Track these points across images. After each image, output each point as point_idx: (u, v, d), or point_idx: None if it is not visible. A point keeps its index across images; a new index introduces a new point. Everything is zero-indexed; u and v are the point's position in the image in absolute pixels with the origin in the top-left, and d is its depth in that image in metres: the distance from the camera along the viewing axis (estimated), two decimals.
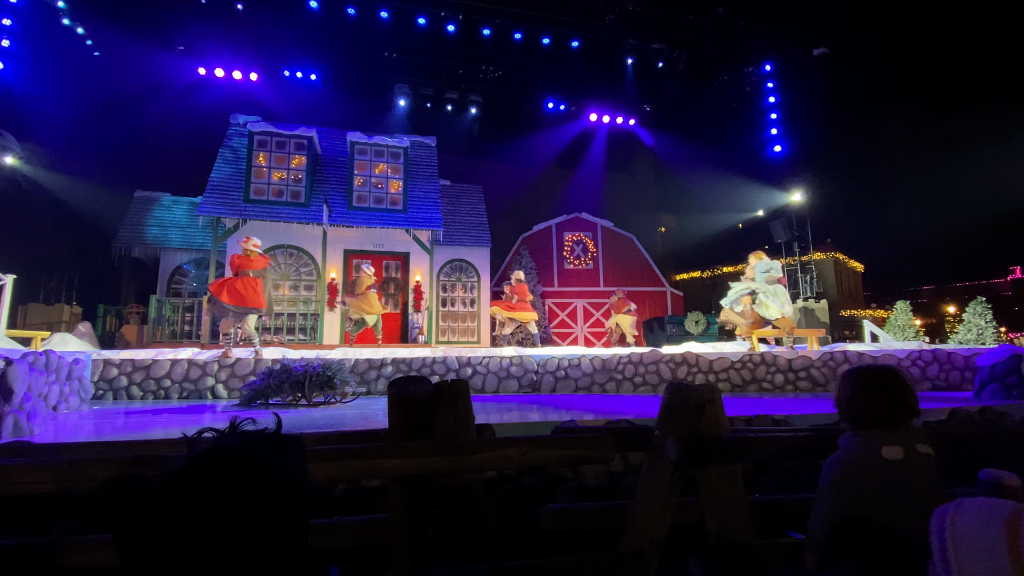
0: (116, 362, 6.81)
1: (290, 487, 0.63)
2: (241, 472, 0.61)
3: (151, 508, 0.57)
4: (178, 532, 0.56)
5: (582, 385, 7.57)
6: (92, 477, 1.82)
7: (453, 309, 13.84)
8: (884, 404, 1.51)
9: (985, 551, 0.78)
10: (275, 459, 0.64)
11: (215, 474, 0.60)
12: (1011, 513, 0.79)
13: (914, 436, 1.50)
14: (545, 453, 1.87)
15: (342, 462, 1.64)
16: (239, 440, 0.67)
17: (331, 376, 5.96)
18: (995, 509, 0.81)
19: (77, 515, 2.76)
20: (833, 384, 7.56)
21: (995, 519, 0.79)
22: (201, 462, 0.61)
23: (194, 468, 0.60)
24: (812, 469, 3.39)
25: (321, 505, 2.85)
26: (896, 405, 1.51)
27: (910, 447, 1.46)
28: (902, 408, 1.52)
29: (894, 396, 1.51)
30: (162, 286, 12.57)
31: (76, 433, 4.26)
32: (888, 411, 1.51)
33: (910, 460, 1.44)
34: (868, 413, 1.52)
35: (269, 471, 0.62)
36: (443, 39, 15.51)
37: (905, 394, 1.52)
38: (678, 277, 20.45)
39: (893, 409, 1.51)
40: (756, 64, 17.06)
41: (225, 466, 0.61)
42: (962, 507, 0.86)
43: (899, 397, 1.51)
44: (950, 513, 0.86)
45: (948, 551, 0.82)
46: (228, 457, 0.62)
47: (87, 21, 13.85)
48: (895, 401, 1.51)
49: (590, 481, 3.26)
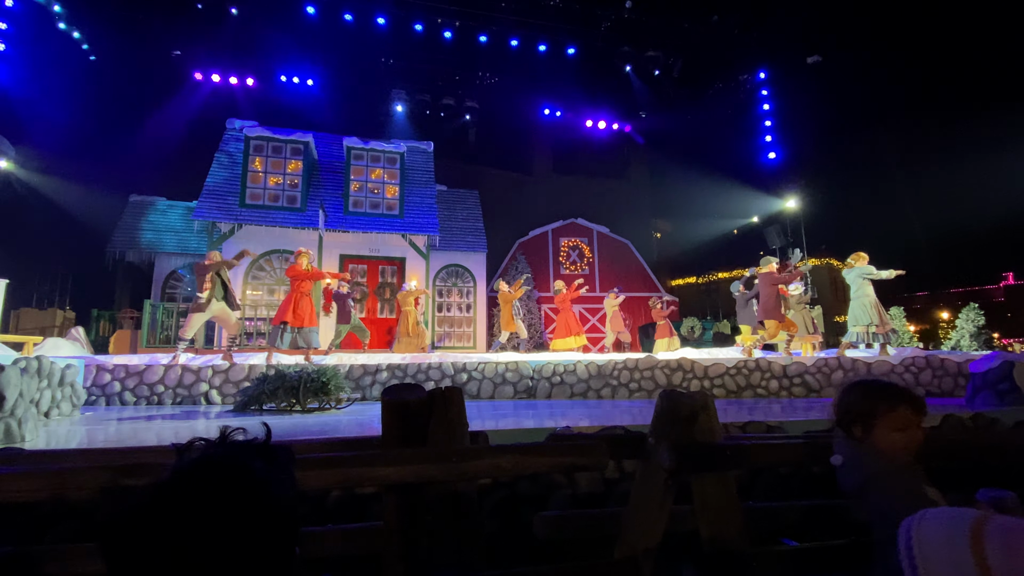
0: (109, 367, 6.76)
1: (277, 498, 0.64)
2: (227, 483, 0.61)
3: (136, 518, 0.58)
4: (162, 542, 0.56)
5: (578, 391, 7.56)
6: (84, 485, 1.81)
7: (449, 314, 13.83)
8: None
9: (952, 562, 0.77)
10: (262, 470, 0.65)
11: (200, 485, 0.60)
12: (974, 521, 0.78)
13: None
14: (538, 461, 1.87)
15: (334, 470, 1.64)
16: (227, 450, 0.67)
17: (326, 382, 5.94)
18: (959, 518, 0.80)
19: (70, 523, 2.74)
20: (828, 390, 7.58)
21: (959, 529, 0.78)
22: (187, 473, 0.61)
23: (180, 479, 0.61)
24: (806, 476, 3.40)
25: (314, 513, 2.84)
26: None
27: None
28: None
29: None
30: (156, 291, 12.52)
31: (68, 440, 4.23)
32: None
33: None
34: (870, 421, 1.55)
35: (255, 482, 0.62)
36: (440, 45, 15.58)
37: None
38: (674, 283, 20.50)
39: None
40: (751, 72, 17.20)
41: (211, 477, 0.61)
42: (927, 518, 0.85)
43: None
44: (915, 525, 0.85)
45: (916, 564, 0.81)
46: (214, 468, 0.62)
47: (83, 26, 13.85)
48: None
49: (585, 488, 3.26)
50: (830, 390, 7.57)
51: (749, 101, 17.64)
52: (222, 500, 0.59)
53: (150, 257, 12.77)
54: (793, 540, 2.35)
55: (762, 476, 3.40)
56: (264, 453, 0.69)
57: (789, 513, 2.46)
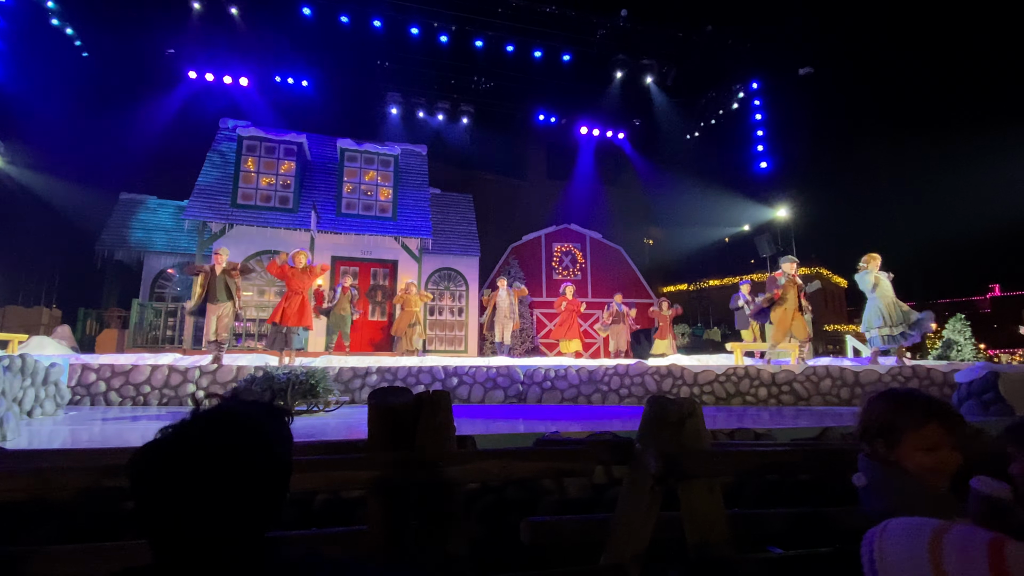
0: (95, 367, 6.68)
1: (279, 451, 0.77)
2: (241, 431, 0.73)
3: (159, 453, 0.70)
4: (180, 477, 0.67)
5: (568, 396, 7.56)
6: (65, 486, 1.78)
7: (441, 318, 13.79)
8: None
9: (911, 574, 0.76)
10: (268, 425, 0.78)
11: (218, 430, 0.73)
12: (933, 534, 0.77)
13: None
14: (525, 466, 1.87)
15: (319, 473, 1.62)
16: (241, 406, 0.80)
17: (314, 384, 5.90)
18: (918, 530, 0.79)
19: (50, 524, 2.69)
20: (816, 398, 7.63)
21: (918, 542, 0.77)
22: (207, 419, 0.74)
23: (200, 424, 0.73)
24: (793, 484, 3.41)
25: (300, 516, 2.81)
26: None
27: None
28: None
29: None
30: (145, 290, 12.39)
31: (51, 440, 4.17)
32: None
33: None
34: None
35: (262, 433, 0.75)
36: (436, 49, 15.60)
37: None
38: (665, 289, 20.59)
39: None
40: (743, 82, 17.36)
41: (228, 424, 0.74)
42: (888, 530, 0.83)
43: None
44: (877, 538, 0.83)
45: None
46: (231, 418, 0.75)
47: (76, 21, 13.73)
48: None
49: (573, 493, 3.25)
50: (818, 398, 7.62)
51: (742, 110, 17.79)
52: (235, 445, 0.71)
53: (139, 256, 12.64)
54: (779, 548, 2.35)
55: (750, 483, 3.41)
56: (269, 412, 0.81)
57: (776, 520, 2.46)
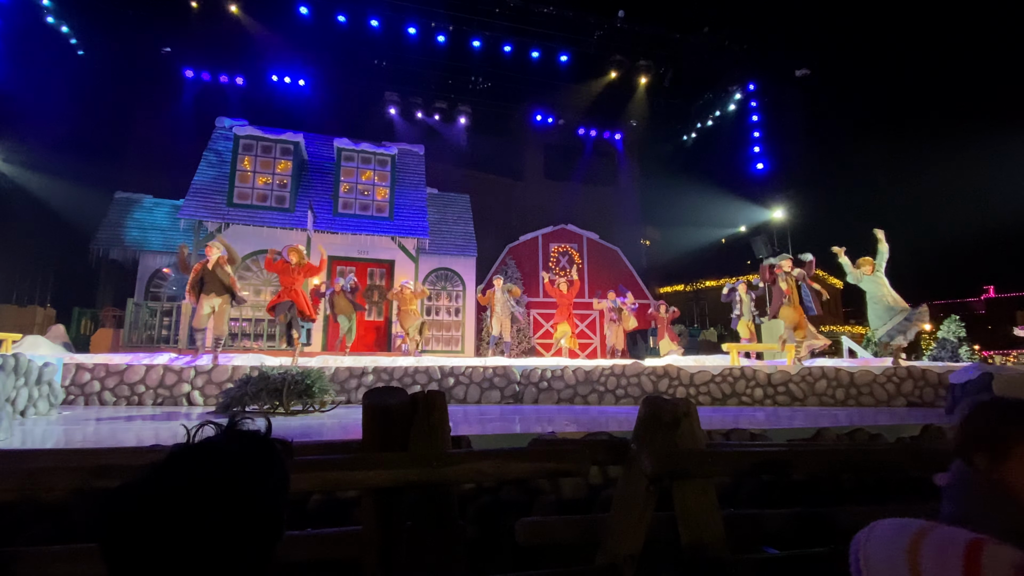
0: (89, 366, 6.64)
1: (264, 495, 0.67)
2: (218, 475, 0.64)
3: (128, 500, 0.61)
4: (152, 524, 0.59)
5: (564, 396, 7.56)
6: (55, 486, 1.77)
7: (438, 318, 13.78)
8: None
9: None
10: (255, 465, 0.68)
11: (194, 473, 0.64)
12: (911, 538, 0.77)
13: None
14: (520, 466, 1.86)
15: (313, 473, 1.62)
16: (228, 441, 0.70)
17: (310, 384, 5.88)
18: (898, 534, 0.79)
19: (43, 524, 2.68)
20: (811, 399, 7.65)
21: (897, 546, 0.77)
22: (184, 457, 0.65)
23: (176, 463, 0.65)
24: (788, 484, 3.41)
25: (294, 517, 2.80)
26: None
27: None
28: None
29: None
30: (140, 289, 12.34)
31: (44, 439, 4.15)
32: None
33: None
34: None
35: (245, 477, 0.66)
36: (433, 49, 15.59)
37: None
38: (662, 290, 20.61)
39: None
40: (740, 83, 17.40)
41: (205, 466, 0.65)
42: (873, 534, 0.82)
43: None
44: (862, 543, 0.82)
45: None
46: (207, 458, 0.66)
47: (72, 20, 13.67)
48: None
49: (569, 494, 3.25)
50: (813, 399, 7.64)
51: (738, 112, 17.84)
52: (212, 490, 0.62)
53: (135, 255, 12.58)
54: (774, 548, 2.35)
55: (745, 483, 3.41)
56: (263, 447, 0.71)
57: (771, 521, 2.47)
